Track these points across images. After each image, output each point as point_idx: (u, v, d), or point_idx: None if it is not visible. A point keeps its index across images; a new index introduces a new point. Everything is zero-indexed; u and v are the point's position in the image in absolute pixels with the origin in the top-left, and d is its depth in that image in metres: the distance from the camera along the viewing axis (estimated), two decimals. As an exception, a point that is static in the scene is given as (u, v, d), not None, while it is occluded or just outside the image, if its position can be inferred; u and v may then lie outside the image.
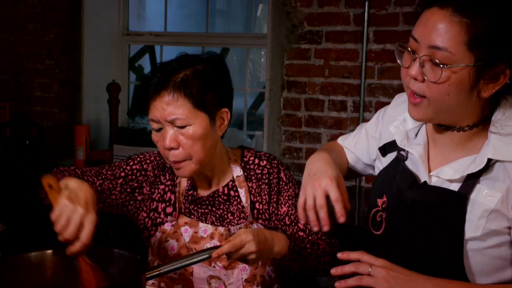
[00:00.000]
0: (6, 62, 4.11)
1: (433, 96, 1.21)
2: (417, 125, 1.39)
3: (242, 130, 3.95)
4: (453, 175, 1.27)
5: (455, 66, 1.16)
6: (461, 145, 1.30)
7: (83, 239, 1.25)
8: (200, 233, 1.65)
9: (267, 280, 1.67)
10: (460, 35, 1.15)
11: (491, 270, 1.25)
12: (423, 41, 1.20)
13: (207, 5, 4.11)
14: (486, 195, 1.23)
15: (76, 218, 1.24)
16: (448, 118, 1.27)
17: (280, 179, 1.69)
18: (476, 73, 1.17)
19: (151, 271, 1.37)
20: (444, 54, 1.17)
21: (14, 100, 4.10)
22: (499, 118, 1.25)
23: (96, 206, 1.32)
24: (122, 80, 4.07)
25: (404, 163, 1.38)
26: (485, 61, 1.16)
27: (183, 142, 1.54)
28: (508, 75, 1.19)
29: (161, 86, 1.53)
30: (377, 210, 1.39)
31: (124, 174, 1.68)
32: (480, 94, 1.20)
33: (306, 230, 1.66)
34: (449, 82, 1.18)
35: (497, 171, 1.24)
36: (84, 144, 3.57)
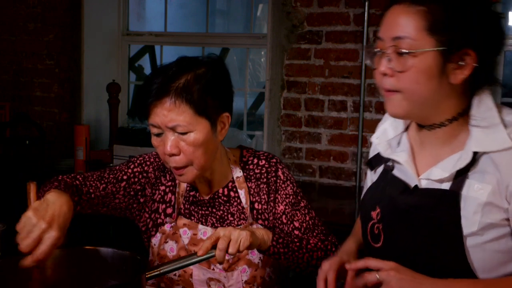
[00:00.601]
0: (6, 62, 4.11)
1: (404, 87, 1.24)
2: (398, 133, 1.41)
3: (242, 130, 3.95)
4: (442, 174, 1.27)
5: (419, 51, 1.20)
6: (447, 143, 1.30)
7: (36, 253, 1.24)
8: (199, 235, 1.65)
9: (267, 281, 1.66)
10: (419, 22, 1.20)
11: (494, 265, 1.24)
12: (387, 36, 1.24)
13: (207, 5, 4.11)
14: (477, 189, 1.23)
15: (35, 233, 1.24)
16: (425, 111, 1.28)
17: (277, 177, 1.68)
18: (441, 57, 1.20)
19: (151, 271, 1.37)
20: (407, 42, 1.21)
21: (14, 100, 4.10)
22: (478, 111, 1.26)
23: (65, 224, 1.30)
24: (122, 80, 4.07)
25: (392, 173, 1.39)
26: (447, 45, 1.20)
27: (184, 148, 1.53)
28: (474, 58, 1.21)
29: (162, 92, 1.50)
30: (373, 223, 1.39)
31: (126, 177, 1.67)
32: (450, 80, 1.22)
33: (301, 228, 1.65)
34: (416, 69, 1.21)
35: (484, 164, 1.24)
36: (84, 144, 3.57)
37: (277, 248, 1.51)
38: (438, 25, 1.19)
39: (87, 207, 1.56)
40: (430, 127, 1.31)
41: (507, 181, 1.21)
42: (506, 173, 1.21)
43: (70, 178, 1.57)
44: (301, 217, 1.66)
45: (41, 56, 4.04)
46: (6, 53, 4.10)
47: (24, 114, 3.89)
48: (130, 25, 4.20)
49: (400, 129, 1.41)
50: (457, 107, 1.27)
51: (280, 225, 1.67)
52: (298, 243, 1.56)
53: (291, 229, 1.66)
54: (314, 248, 1.59)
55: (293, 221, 1.66)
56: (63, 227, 1.29)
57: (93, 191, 1.57)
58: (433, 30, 1.20)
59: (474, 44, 1.21)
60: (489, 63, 1.26)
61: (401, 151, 1.37)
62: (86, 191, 1.55)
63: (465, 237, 1.23)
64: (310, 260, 1.57)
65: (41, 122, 3.95)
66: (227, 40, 4.03)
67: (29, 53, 4.06)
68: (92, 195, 1.56)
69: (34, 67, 4.06)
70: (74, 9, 3.88)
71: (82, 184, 1.56)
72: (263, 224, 1.66)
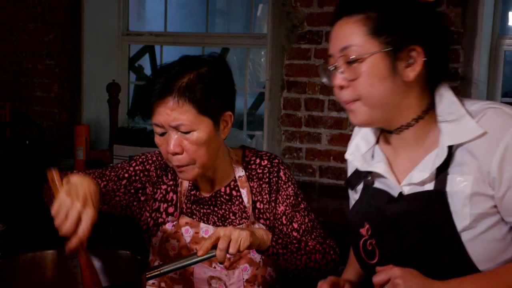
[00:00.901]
0: (6, 62, 4.11)
1: (361, 93, 1.26)
2: (370, 146, 1.42)
3: (242, 130, 3.95)
4: (423, 176, 1.28)
5: (365, 55, 1.23)
6: (419, 143, 1.31)
7: (80, 234, 1.24)
8: (201, 233, 1.65)
9: (268, 280, 1.67)
10: (361, 29, 1.24)
11: (493, 255, 1.24)
12: (335, 50, 1.29)
13: (207, 5, 4.11)
14: (459, 182, 1.24)
15: (73, 213, 1.24)
16: (388, 114, 1.29)
17: (279, 178, 1.69)
18: (389, 57, 1.23)
19: (151, 271, 1.37)
20: (353, 49, 1.24)
21: (14, 100, 4.10)
22: (442, 107, 1.28)
23: (97, 201, 1.31)
24: (122, 80, 4.07)
25: (374, 186, 1.39)
26: (392, 44, 1.23)
27: (187, 147, 1.53)
28: (421, 53, 1.24)
29: (166, 91, 1.51)
30: (364, 239, 1.38)
31: (127, 175, 1.67)
32: (403, 79, 1.24)
33: (300, 230, 1.66)
34: (367, 73, 1.24)
35: (461, 156, 1.25)
36: (84, 144, 3.57)
37: (276, 248, 1.51)
38: (379, 28, 1.23)
39: None
40: (398, 130, 1.32)
41: (487, 168, 1.21)
42: (484, 159, 1.22)
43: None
44: (301, 219, 1.67)
45: (41, 56, 4.04)
46: (6, 53, 4.11)
47: (24, 114, 3.89)
48: (130, 25, 4.20)
49: (371, 141, 1.42)
50: (419, 105, 1.29)
51: (279, 226, 1.67)
52: (297, 245, 1.57)
53: (290, 230, 1.66)
54: (312, 251, 1.59)
55: (292, 222, 1.66)
56: (97, 204, 1.30)
57: None
58: (375, 33, 1.23)
59: (417, 40, 1.23)
60: (438, 56, 1.28)
61: (378, 162, 1.38)
62: None
63: (460, 233, 1.23)
64: (308, 262, 1.57)
65: (41, 122, 3.95)
66: (227, 40, 4.03)
67: (29, 53, 4.06)
68: None
69: (34, 67, 4.07)
70: (74, 9, 3.89)
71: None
72: (265, 223, 1.66)
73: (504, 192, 1.21)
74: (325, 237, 1.66)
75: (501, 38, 3.20)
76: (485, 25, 3.00)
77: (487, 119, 1.23)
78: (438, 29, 1.28)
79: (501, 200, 1.21)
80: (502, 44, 3.20)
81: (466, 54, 3.03)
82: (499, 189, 1.21)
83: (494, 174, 1.20)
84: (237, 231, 1.40)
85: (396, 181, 1.33)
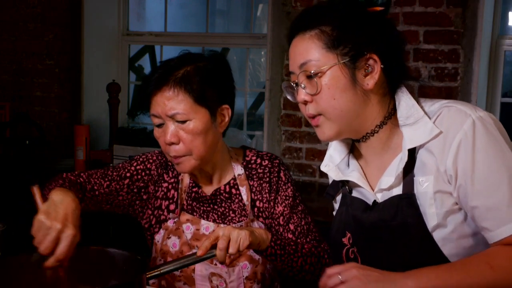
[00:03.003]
0: (6, 62, 4.11)
1: (324, 107, 1.28)
2: (343, 155, 1.44)
3: (242, 130, 3.95)
4: (390, 181, 1.30)
5: (324, 68, 1.26)
6: (386, 149, 1.33)
7: (57, 254, 1.26)
8: (202, 230, 1.66)
9: (268, 278, 1.68)
10: (316, 44, 1.27)
11: (467, 251, 1.26)
12: (294, 67, 1.31)
13: (207, 5, 4.11)
14: (422, 183, 1.26)
15: (52, 234, 1.26)
16: (353, 124, 1.30)
17: (279, 178, 1.70)
18: (347, 68, 1.26)
19: (151, 271, 1.37)
20: (312, 64, 1.27)
21: (14, 100, 4.10)
22: (402, 111, 1.30)
23: (77, 219, 1.32)
24: (122, 80, 4.07)
25: (351, 195, 1.41)
26: (348, 55, 1.25)
27: (183, 137, 1.56)
28: (378, 61, 1.26)
29: (162, 81, 1.55)
30: (347, 248, 1.40)
31: (129, 175, 1.68)
32: (364, 87, 1.26)
33: (295, 232, 1.67)
34: (328, 86, 1.26)
35: (422, 157, 1.27)
36: (84, 144, 3.57)
37: (275, 249, 1.51)
38: (334, 40, 1.26)
39: (91, 204, 1.58)
40: (364, 138, 1.34)
41: (443, 166, 1.23)
42: (440, 157, 1.23)
43: (74, 176, 1.59)
44: (297, 221, 1.68)
45: (41, 56, 4.04)
46: (6, 53, 4.10)
47: (24, 114, 3.89)
48: (130, 25, 4.20)
49: (344, 151, 1.44)
50: (382, 111, 1.31)
51: (276, 226, 1.68)
52: (294, 247, 1.58)
53: (286, 231, 1.67)
54: (308, 253, 1.60)
55: (289, 223, 1.68)
56: (77, 223, 1.31)
57: (97, 188, 1.59)
58: (331, 46, 1.26)
59: (373, 48, 1.26)
60: (395, 61, 1.30)
61: (352, 171, 1.40)
62: (90, 188, 1.57)
63: (432, 233, 1.25)
64: (303, 265, 1.58)
65: (41, 122, 3.95)
66: (227, 40, 4.03)
67: (29, 53, 4.06)
68: (96, 192, 1.58)
69: (34, 67, 4.06)
70: (74, 9, 3.89)
71: (86, 181, 1.58)
72: (264, 222, 1.67)
73: (459, 185, 1.22)
74: (320, 241, 1.67)
75: (501, 38, 3.20)
76: (485, 25, 3.00)
77: (442, 118, 1.25)
78: (391, 35, 1.30)
79: (457, 192, 1.23)
80: (502, 44, 3.20)
81: (466, 54, 3.03)
82: (455, 184, 1.23)
83: (450, 172, 1.22)
84: (236, 230, 1.41)
85: (370, 189, 1.35)
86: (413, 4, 3.13)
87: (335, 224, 1.47)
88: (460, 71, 3.06)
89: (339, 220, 1.45)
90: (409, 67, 3.12)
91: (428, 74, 3.12)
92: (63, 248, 1.26)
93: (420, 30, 3.12)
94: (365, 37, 1.26)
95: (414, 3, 3.13)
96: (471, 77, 2.97)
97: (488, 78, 3.21)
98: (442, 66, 3.10)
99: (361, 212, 1.36)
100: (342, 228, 1.41)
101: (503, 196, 1.17)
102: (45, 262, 1.27)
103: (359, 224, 1.36)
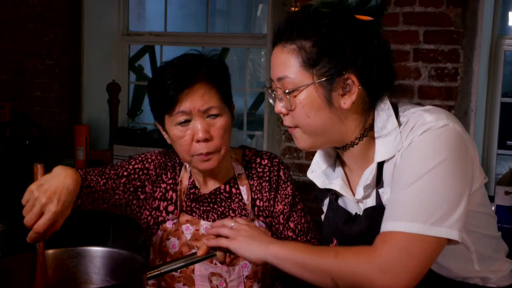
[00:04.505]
0: (6, 62, 4.11)
1: (299, 122, 1.27)
2: (330, 161, 1.42)
3: (242, 130, 3.95)
4: (362, 192, 1.29)
5: (301, 87, 1.23)
6: (365, 158, 1.31)
7: (35, 228, 1.26)
8: (201, 230, 1.66)
9: (268, 277, 1.68)
10: (293, 60, 1.23)
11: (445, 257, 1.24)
12: (273, 76, 1.29)
13: (207, 5, 4.11)
14: (382, 194, 1.26)
15: (36, 207, 1.26)
16: (330, 138, 1.29)
17: (279, 177, 1.71)
18: (323, 88, 1.22)
19: (151, 271, 1.37)
20: (288, 81, 1.24)
21: (14, 100, 4.10)
22: (378, 122, 1.27)
23: (68, 197, 1.31)
24: (122, 80, 4.07)
25: (336, 203, 1.40)
26: (325, 75, 1.22)
27: (215, 132, 1.58)
28: (356, 81, 1.22)
29: (193, 78, 1.56)
30: None
31: (126, 174, 1.68)
32: (341, 106, 1.23)
33: (295, 230, 1.67)
34: (302, 105, 1.24)
35: (386, 168, 1.26)
36: (84, 144, 3.57)
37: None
38: (312, 59, 1.22)
39: (88, 201, 1.57)
40: (345, 148, 1.32)
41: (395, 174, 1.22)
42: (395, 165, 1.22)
43: None
44: (297, 219, 1.68)
45: (41, 56, 4.04)
46: (6, 53, 4.10)
47: (24, 114, 3.89)
48: (130, 25, 4.20)
49: (331, 156, 1.42)
50: (361, 125, 1.28)
51: (276, 225, 1.69)
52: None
53: (286, 229, 1.68)
54: None
55: (289, 222, 1.68)
56: (65, 200, 1.30)
57: (93, 185, 1.58)
58: (309, 65, 1.22)
59: (351, 68, 1.22)
60: (377, 75, 1.25)
61: (335, 179, 1.39)
62: (87, 185, 1.56)
63: None
64: None
65: (41, 122, 3.95)
66: (227, 40, 4.03)
67: (29, 53, 4.06)
68: (93, 189, 1.58)
69: (34, 67, 4.06)
70: (74, 9, 3.89)
71: (83, 177, 1.57)
72: (264, 221, 1.68)
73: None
74: (319, 239, 1.67)
75: (501, 38, 3.20)
76: (485, 25, 3.00)
77: (406, 126, 1.23)
78: (374, 50, 1.24)
79: None
80: (502, 44, 3.20)
81: (466, 54, 3.03)
82: None
83: None
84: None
85: (352, 197, 1.34)
86: (413, 4, 3.13)
87: (324, 229, 1.47)
88: (460, 71, 3.06)
89: (327, 225, 1.44)
90: (408, 67, 3.12)
91: (428, 74, 3.12)
92: (42, 222, 1.26)
93: (420, 30, 3.12)
94: (345, 56, 1.21)
95: (414, 3, 3.13)
96: (471, 77, 2.97)
97: (488, 78, 3.21)
98: (442, 66, 3.10)
99: (343, 223, 1.35)
100: (330, 234, 1.41)
101: (400, 193, 1.16)
102: (28, 236, 1.27)
103: (342, 235, 1.36)
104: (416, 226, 1.12)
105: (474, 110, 2.98)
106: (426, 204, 1.13)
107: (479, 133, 3.17)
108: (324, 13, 1.23)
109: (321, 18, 1.23)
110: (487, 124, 3.26)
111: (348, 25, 1.23)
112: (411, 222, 1.12)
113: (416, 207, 1.13)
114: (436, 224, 1.12)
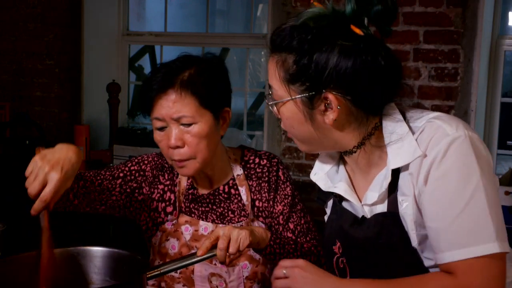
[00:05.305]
0: (6, 62, 4.11)
1: (288, 130, 1.29)
2: (334, 162, 1.39)
3: (242, 130, 3.95)
4: (374, 197, 1.26)
5: (284, 100, 1.23)
6: (370, 163, 1.28)
7: (42, 196, 1.25)
8: (200, 231, 1.66)
9: (268, 277, 1.67)
10: (278, 72, 1.22)
11: None
12: (269, 81, 1.28)
13: (207, 5, 4.11)
14: (402, 203, 1.22)
15: (40, 176, 1.26)
16: (324, 146, 1.28)
17: (278, 177, 1.70)
18: (304, 104, 1.21)
19: (151, 271, 1.37)
20: (273, 92, 1.26)
21: (14, 100, 4.10)
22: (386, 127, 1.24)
23: (71, 167, 1.30)
24: (122, 80, 4.07)
25: (341, 205, 1.38)
26: (305, 92, 1.19)
27: (188, 140, 1.54)
28: (335, 101, 1.18)
29: (167, 84, 1.53)
30: (337, 257, 1.38)
31: (122, 175, 1.68)
32: (324, 122, 1.21)
33: (295, 231, 1.67)
34: (285, 117, 1.25)
35: (404, 176, 1.22)
36: (84, 144, 3.57)
37: (274, 248, 1.52)
38: (293, 74, 1.19)
39: (85, 202, 1.57)
40: (346, 154, 1.30)
41: (418, 188, 1.19)
42: (417, 180, 1.19)
43: None
44: (297, 220, 1.68)
45: (41, 56, 4.04)
46: (6, 53, 4.10)
47: (24, 114, 3.89)
48: (130, 25, 4.20)
49: (335, 157, 1.39)
50: (358, 134, 1.24)
51: (275, 225, 1.68)
52: (293, 246, 1.58)
53: (286, 230, 1.67)
54: (307, 252, 1.60)
55: (288, 222, 1.68)
56: (68, 170, 1.29)
57: (89, 185, 1.58)
58: (290, 80, 1.20)
59: (334, 85, 1.17)
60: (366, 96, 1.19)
61: (339, 182, 1.35)
62: (82, 185, 1.56)
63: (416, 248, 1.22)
64: None
65: (41, 122, 3.95)
66: (227, 40, 4.03)
67: (29, 53, 4.06)
68: (88, 189, 1.58)
69: (34, 67, 4.06)
70: (74, 9, 3.89)
71: (79, 178, 1.58)
72: (264, 221, 1.67)
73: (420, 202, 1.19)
74: (319, 240, 1.67)
75: (501, 38, 3.21)
76: (485, 25, 3.00)
77: (423, 135, 1.19)
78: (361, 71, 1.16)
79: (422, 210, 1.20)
80: (502, 44, 3.20)
81: (466, 54, 3.03)
82: None
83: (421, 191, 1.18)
84: (236, 230, 1.41)
85: (358, 201, 1.31)
86: (413, 4, 3.13)
87: (326, 231, 1.44)
88: (460, 71, 3.06)
89: (330, 227, 1.42)
90: (408, 67, 3.12)
91: (428, 74, 3.12)
92: (48, 190, 1.25)
93: (420, 30, 3.12)
94: (323, 76, 1.16)
95: (414, 3, 3.13)
96: (471, 77, 2.98)
97: (488, 78, 3.21)
98: (442, 66, 3.10)
99: (349, 225, 1.33)
100: (332, 236, 1.39)
101: (453, 222, 1.13)
102: (33, 208, 1.26)
103: (347, 237, 1.34)
104: (485, 247, 1.11)
105: (474, 110, 2.98)
106: (483, 223, 1.12)
107: (479, 133, 3.17)
108: (311, 27, 1.18)
109: (306, 33, 1.18)
110: (487, 124, 3.26)
111: (333, 43, 1.16)
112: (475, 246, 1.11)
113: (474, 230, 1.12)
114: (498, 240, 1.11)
